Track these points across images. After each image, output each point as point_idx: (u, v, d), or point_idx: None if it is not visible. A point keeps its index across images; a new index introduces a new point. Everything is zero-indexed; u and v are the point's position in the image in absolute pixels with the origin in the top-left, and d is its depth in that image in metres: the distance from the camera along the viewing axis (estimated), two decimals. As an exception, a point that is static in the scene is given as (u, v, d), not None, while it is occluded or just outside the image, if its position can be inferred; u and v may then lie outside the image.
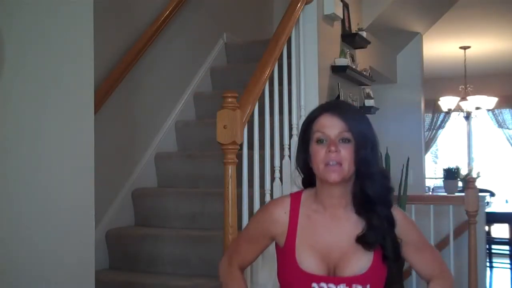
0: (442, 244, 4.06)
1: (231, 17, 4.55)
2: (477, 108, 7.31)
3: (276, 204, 1.55)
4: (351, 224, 1.44)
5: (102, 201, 2.75)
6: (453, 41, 6.78)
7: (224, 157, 2.37)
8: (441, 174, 5.35)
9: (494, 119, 8.79)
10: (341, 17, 3.76)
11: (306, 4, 3.22)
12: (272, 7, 5.14)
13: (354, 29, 4.09)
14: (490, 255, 6.07)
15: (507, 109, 8.68)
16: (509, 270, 5.91)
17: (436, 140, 9.29)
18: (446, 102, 7.26)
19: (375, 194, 1.42)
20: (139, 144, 3.51)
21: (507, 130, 8.75)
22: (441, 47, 6.89)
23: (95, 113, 2.08)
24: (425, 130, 8.24)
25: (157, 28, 3.54)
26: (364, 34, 4.11)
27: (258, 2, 4.99)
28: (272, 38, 2.93)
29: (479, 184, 3.75)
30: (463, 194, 3.62)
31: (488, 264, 5.83)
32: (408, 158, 3.83)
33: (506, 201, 7.19)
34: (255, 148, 2.64)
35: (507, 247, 6.08)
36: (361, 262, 1.40)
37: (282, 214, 1.49)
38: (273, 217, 1.50)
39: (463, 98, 7.27)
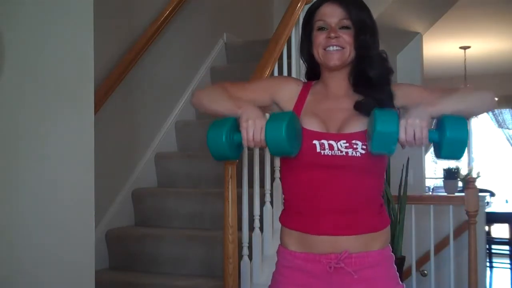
0: (442, 244, 4.06)
1: (231, 17, 4.55)
2: (477, 108, 7.30)
3: (291, 78, 1.73)
4: (352, 99, 1.50)
5: (102, 201, 2.75)
6: (453, 41, 6.78)
7: (224, 157, 2.36)
8: (441, 174, 5.35)
9: (494, 119, 8.79)
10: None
11: (306, 4, 3.22)
12: (272, 7, 5.14)
13: (354, 29, 4.09)
14: (490, 255, 6.07)
15: (507, 109, 8.68)
16: (509, 270, 5.91)
17: (436, 140, 9.29)
18: (446, 102, 7.25)
19: (375, 75, 1.49)
20: (139, 144, 3.51)
21: (507, 130, 8.75)
22: (441, 47, 6.89)
23: (95, 113, 2.08)
24: (425, 130, 8.22)
25: (157, 28, 3.54)
26: (364, 34, 4.11)
27: (258, 2, 4.99)
28: (272, 38, 2.93)
29: (479, 184, 3.75)
30: (463, 194, 3.62)
31: (488, 264, 5.83)
32: (408, 158, 3.83)
33: (506, 201, 7.20)
34: (255, 148, 2.64)
35: (507, 247, 6.08)
36: (360, 123, 1.44)
37: (295, 85, 1.59)
38: (289, 83, 1.61)
39: (463, 98, 7.26)
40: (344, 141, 1.42)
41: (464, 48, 7.01)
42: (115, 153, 3.25)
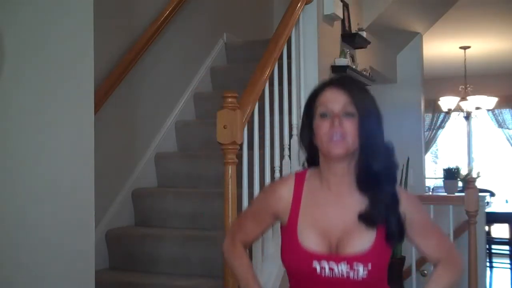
0: (442, 244, 4.05)
1: (231, 17, 4.55)
2: (477, 108, 7.31)
3: (281, 182, 1.59)
4: (354, 202, 1.42)
5: (102, 201, 2.75)
6: (453, 41, 6.78)
7: (224, 157, 2.37)
8: (441, 174, 5.35)
9: (494, 119, 8.79)
10: (341, 17, 3.76)
11: (306, 4, 3.23)
12: (272, 7, 5.14)
13: (354, 29, 4.09)
14: (490, 255, 6.07)
15: (507, 109, 8.68)
16: (509, 270, 5.91)
17: (436, 140, 9.30)
18: (446, 102, 7.26)
19: (380, 168, 1.39)
20: (139, 144, 3.51)
21: (507, 130, 8.75)
22: (441, 47, 6.90)
23: (95, 113, 2.08)
24: (425, 130, 8.25)
25: (157, 28, 3.54)
26: (364, 34, 4.11)
27: (258, 2, 4.99)
28: (272, 38, 2.93)
29: (479, 184, 3.75)
30: (463, 194, 3.62)
31: (488, 264, 5.83)
32: (408, 158, 3.84)
33: (506, 201, 7.20)
34: (255, 148, 2.64)
35: (507, 247, 6.08)
36: (363, 240, 1.38)
37: (286, 191, 1.49)
38: (277, 194, 1.51)
39: (463, 98, 7.27)
40: (345, 264, 1.37)
41: (464, 48, 7.01)
42: (115, 153, 3.24)
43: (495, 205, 6.34)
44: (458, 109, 7.46)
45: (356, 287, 1.39)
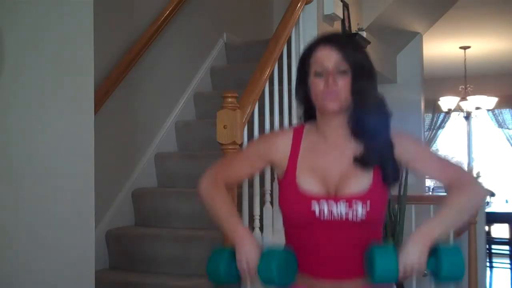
0: (442, 244, 4.05)
1: (231, 17, 4.55)
2: (477, 108, 7.31)
3: (279, 133, 1.65)
4: (350, 149, 1.47)
5: (102, 201, 2.75)
6: (453, 41, 6.78)
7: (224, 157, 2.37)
8: (441, 174, 5.36)
9: (494, 119, 8.79)
10: (341, 17, 3.76)
11: (306, 4, 3.23)
12: (272, 7, 5.14)
13: (354, 29, 4.09)
14: (490, 255, 6.07)
15: (507, 109, 8.68)
16: (509, 270, 5.91)
17: (436, 140, 9.29)
18: (446, 102, 7.26)
19: (374, 121, 1.45)
20: (139, 144, 3.51)
21: (507, 130, 8.75)
22: (441, 47, 6.89)
23: (95, 113, 2.08)
24: (425, 130, 8.24)
25: (157, 28, 3.54)
26: (364, 34, 4.11)
27: (258, 2, 4.99)
28: (272, 38, 2.93)
29: (479, 184, 3.74)
30: (463, 194, 3.61)
31: (488, 264, 5.83)
32: (408, 158, 3.83)
33: (506, 201, 7.20)
34: (255, 148, 2.64)
35: (507, 247, 6.08)
36: (361, 181, 1.42)
37: (284, 142, 1.53)
38: (277, 142, 1.54)
39: (463, 98, 7.27)
40: (344, 204, 1.40)
41: (464, 48, 7.01)
42: (115, 153, 3.25)
43: (495, 205, 6.35)
44: (458, 109, 7.46)
45: (355, 229, 1.41)
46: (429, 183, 7.78)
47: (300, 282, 1.47)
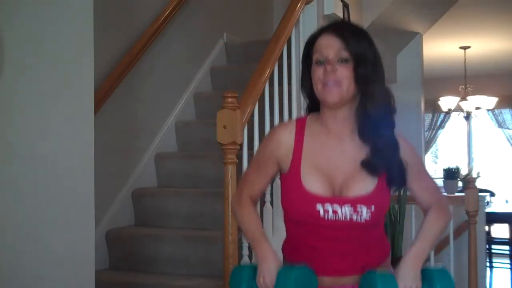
0: (442, 244, 4.06)
1: (231, 17, 4.55)
2: (477, 108, 7.31)
3: (281, 126, 1.57)
4: (355, 147, 1.43)
5: (102, 201, 2.75)
6: (453, 41, 6.78)
7: (224, 157, 2.37)
8: (441, 174, 5.35)
9: (494, 119, 8.79)
10: (341, 17, 3.76)
11: (306, 4, 3.23)
12: (272, 7, 5.14)
13: (354, 29, 4.08)
14: (490, 255, 6.07)
15: (507, 109, 8.67)
16: (509, 270, 5.91)
17: (436, 140, 9.29)
18: (446, 102, 7.26)
19: (377, 113, 1.40)
20: (139, 144, 3.51)
21: (507, 130, 8.75)
22: (441, 47, 6.89)
23: (95, 113, 2.08)
24: (425, 130, 8.24)
25: (157, 28, 3.54)
26: (364, 34, 4.10)
27: (258, 2, 4.99)
28: (272, 38, 2.93)
29: (479, 184, 3.75)
30: (463, 194, 3.62)
31: (488, 264, 5.83)
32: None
33: (506, 201, 7.20)
34: (255, 148, 2.64)
35: (507, 247, 6.08)
36: (366, 184, 1.40)
37: (287, 135, 1.48)
38: (279, 139, 1.49)
39: (463, 98, 7.27)
40: (349, 206, 1.38)
41: (464, 48, 7.01)
42: (115, 153, 3.24)
43: (495, 205, 6.34)
44: (458, 109, 7.46)
45: (358, 230, 1.41)
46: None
47: None
